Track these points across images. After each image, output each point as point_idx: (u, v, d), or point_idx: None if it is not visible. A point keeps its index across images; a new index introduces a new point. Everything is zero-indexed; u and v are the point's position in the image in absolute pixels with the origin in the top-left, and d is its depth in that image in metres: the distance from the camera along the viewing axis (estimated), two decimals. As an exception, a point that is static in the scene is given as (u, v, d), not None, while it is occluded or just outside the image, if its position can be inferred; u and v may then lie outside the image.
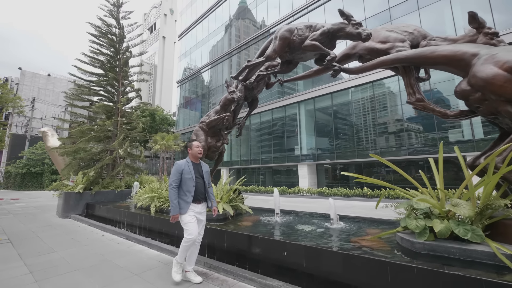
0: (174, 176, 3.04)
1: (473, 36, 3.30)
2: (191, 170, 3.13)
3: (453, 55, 2.99)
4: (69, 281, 3.02)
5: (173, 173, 3.06)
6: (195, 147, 3.29)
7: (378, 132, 15.69)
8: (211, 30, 31.26)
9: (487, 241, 2.26)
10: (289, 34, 4.20)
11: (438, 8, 13.75)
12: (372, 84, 16.28)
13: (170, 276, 3.07)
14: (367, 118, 16.40)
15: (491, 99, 2.65)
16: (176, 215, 2.96)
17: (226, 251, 3.52)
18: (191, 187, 3.05)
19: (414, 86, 3.50)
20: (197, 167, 3.28)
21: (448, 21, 13.29)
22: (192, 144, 3.31)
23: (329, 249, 2.65)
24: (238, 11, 27.61)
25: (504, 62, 2.51)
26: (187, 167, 3.13)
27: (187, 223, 2.96)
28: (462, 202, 2.48)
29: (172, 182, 3.00)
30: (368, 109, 16.37)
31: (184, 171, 3.08)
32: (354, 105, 17.17)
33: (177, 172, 3.05)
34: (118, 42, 9.76)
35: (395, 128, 14.86)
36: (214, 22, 30.90)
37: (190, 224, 2.96)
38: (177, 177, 3.04)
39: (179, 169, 3.08)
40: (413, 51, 3.39)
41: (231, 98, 5.38)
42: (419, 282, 2.09)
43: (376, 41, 3.94)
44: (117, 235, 5.33)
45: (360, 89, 16.90)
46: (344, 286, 2.45)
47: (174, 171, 3.07)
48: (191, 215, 3.01)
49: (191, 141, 3.37)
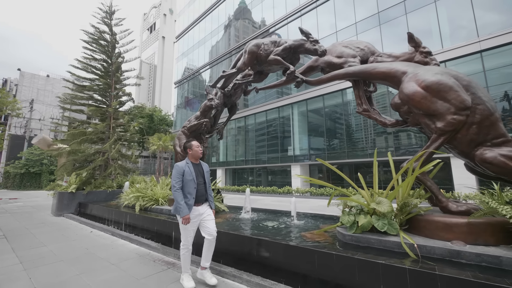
0: (176, 178, 2.97)
1: (412, 54, 3.73)
2: (192, 171, 3.05)
3: (388, 72, 3.42)
4: (53, 269, 3.46)
5: (174, 175, 2.99)
6: (195, 147, 3.18)
7: (370, 133, 16.10)
8: (207, 31, 31.60)
9: (400, 233, 2.69)
10: (256, 48, 4.64)
11: (429, 11, 13.92)
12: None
13: (142, 264, 3.51)
14: (359, 120, 16.83)
15: (414, 112, 3.08)
16: (187, 215, 2.88)
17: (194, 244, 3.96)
18: (193, 189, 2.98)
19: (362, 98, 3.93)
20: (198, 167, 3.19)
21: (442, 21, 13.48)
22: (192, 144, 3.20)
23: (272, 240, 3.09)
24: (237, 11, 27.58)
25: (422, 81, 2.94)
26: (187, 168, 3.04)
27: (185, 229, 2.95)
28: (384, 200, 2.91)
29: (175, 184, 2.94)
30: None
31: (185, 172, 3.00)
32: (344, 107, 17.58)
33: (179, 174, 2.98)
34: (111, 48, 10.19)
35: (387, 129, 15.24)
36: (211, 23, 31.21)
37: (188, 231, 2.94)
38: (179, 178, 2.97)
39: (180, 171, 3.00)
40: (359, 67, 3.82)
41: (209, 105, 5.81)
42: (336, 266, 2.53)
43: (334, 56, 4.37)
44: (104, 232, 5.77)
45: (350, 91, 17.30)
46: (285, 271, 2.89)
47: (175, 173, 3.00)
48: (191, 221, 2.95)
49: (190, 141, 3.24)
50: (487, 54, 12.03)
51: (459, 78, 2.82)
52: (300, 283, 2.73)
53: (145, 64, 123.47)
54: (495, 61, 11.84)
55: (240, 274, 3.11)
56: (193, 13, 34.60)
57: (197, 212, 3.02)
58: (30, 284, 2.99)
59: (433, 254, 2.40)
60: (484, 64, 12.01)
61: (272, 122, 22.54)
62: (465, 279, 1.90)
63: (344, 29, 17.30)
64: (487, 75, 11.91)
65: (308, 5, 19.95)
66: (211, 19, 31.32)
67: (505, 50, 11.55)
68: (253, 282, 2.93)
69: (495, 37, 11.60)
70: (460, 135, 2.74)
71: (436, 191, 2.85)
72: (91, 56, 9.90)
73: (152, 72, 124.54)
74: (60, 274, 3.31)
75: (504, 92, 11.59)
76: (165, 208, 5.45)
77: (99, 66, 10.05)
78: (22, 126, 27.90)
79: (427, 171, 3.05)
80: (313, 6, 19.58)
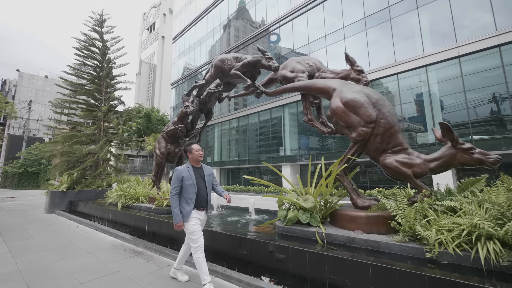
0: (174, 183, 2.91)
1: (349, 71, 4.30)
2: (192, 176, 2.98)
3: (323, 88, 3.99)
4: (37, 256, 4.04)
5: (173, 181, 2.93)
6: (195, 151, 3.11)
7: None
8: (203, 33, 31.95)
9: (319, 225, 3.27)
10: (221, 63, 5.21)
11: (438, 6, 13.48)
12: None
13: (113, 253, 4.09)
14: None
15: (339, 123, 3.65)
16: (180, 223, 2.85)
17: (160, 236, 4.54)
18: (192, 194, 2.92)
19: (308, 109, 4.50)
20: (199, 171, 3.11)
21: (448, 20, 13.11)
22: (192, 147, 3.12)
23: (222, 232, 3.67)
24: (234, 12, 27.42)
25: (343, 98, 3.51)
26: (187, 172, 2.97)
27: (193, 231, 2.86)
28: (310, 197, 3.48)
29: (172, 190, 2.89)
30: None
31: (185, 177, 2.93)
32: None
33: (177, 179, 2.92)
34: (101, 54, 10.75)
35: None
36: (206, 25, 31.53)
37: (196, 232, 2.87)
38: (178, 184, 2.91)
39: (179, 175, 2.93)
40: (303, 82, 4.39)
41: (185, 111, 6.37)
42: (261, 250, 3.10)
43: (288, 70, 4.94)
44: (88, 226, 6.35)
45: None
46: (227, 256, 3.46)
47: (174, 178, 2.94)
48: (195, 222, 2.91)
49: (190, 145, 3.16)
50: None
51: (370, 96, 3.39)
52: (237, 265, 3.30)
53: (145, 64, 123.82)
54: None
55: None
56: (189, 14, 34.97)
57: (200, 216, 3.00)
58: (16, 267, 3.57)
59: (337, 241, 2.98)
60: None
61: (265, 124, 23.09)
62: (341, 257, 2.48)
63: (344, 29, 17.19)
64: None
65: (308, 3, 19.60)
66: (206, 21, 31.66)
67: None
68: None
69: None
70: (369, 144, 3.31)
71: (349, 190, 3.43)
72: (82, 63, 10.47)
73: (151, 72, 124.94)
74: (42, 260, 3.89)
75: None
76: (144, 206, 6.03)
77: (90, 71, 10.62)
78: (20, 127, 28.49)
79: (349, 173, 3.64)
80: (314, 4, 19.22)
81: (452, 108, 13.25)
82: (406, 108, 14.54)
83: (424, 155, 3.08)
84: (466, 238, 2.24)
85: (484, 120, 12.13)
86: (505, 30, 11.35)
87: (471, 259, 2.15)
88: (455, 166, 2.91)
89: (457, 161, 2.85)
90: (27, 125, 28.53)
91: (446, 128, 2.83)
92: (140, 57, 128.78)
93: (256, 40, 24.18)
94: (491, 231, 2.12)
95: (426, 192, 2.84)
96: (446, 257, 2.28)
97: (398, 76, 14.79)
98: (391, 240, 2.64)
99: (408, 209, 2.67)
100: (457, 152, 2.84)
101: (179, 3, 38.49)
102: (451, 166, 2.93)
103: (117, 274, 3.30)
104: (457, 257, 2.22)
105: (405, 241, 2.57)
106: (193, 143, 3.26)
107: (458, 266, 2.20)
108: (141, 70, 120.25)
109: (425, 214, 2.66)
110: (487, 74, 12.12)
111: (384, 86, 15.82)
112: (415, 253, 2.45)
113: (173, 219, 2.89)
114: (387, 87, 15.74)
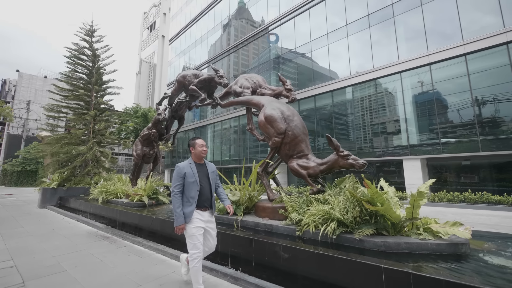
0: (176, 181, 2.70)
1: (282, 89, 5.18)
2: (195, 173, 2.78)
3: (256, 103, 4.87)
4: (23, 240, 4.95)
5: (174, 178, 2.72)
6: (198, 146, 2.92)
7: (350, 134, 17.17)
8: (203, 32, 31.77)
9: (242, 214, 4.16)
10: (183, 79, 6.11)
11: (442, 4, 13.59)
12: (331, 92, 18.07)
13: (86, 238, 5.00)
14: (329, 123, 18.23)
15: (264, 133, 4.54)
16: (182, 225, 2.61)
17: (127, 224, 5.45)
18: (195, 192, 2.71)
19: (250, 119, 5.39)
20: (202, 168, 2.92)
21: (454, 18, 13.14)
22: (195, 142, 2.94)
23: (167, 219, 4.58)
24: (234, 11, 27.38)
25: (265, 113, 4.39)
26: (189, 169, 2.77)
27: (192, 235, 2.63)
28: (237, 192, 4.37)
29: (174, 188, 2.67)
30: (335, 115, 18.15)
31: (187, 174, 2.73)
32: (317, 111, 18.91)
33: (179, 177, 2.71)
34: (91, 62, 11.65)
35: (364, 132, 16.19)
36: (206, 25, 31.80)
37: (195, 237, 2.63)
38: (180, 182, 2.69)
39: (181, 172, 2.73)
40: (245, 97, 5.27)
41: (157, 118, 7.27)
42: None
43: (238, 86, 5.82)
44: (71, 218, 7.28)
45: (322, 97, 18.63)
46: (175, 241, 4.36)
47: (176, 176, 2.73)
48: (197, 226, 2.67)
49: (194, 139, 2.98)
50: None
51: (283, 112, 4.27)
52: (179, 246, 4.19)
53: (145, 63, 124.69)
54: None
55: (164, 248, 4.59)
56: (188, 14, 34.96)
57: (202, 217, 2.76)
58: (4, 247, 4.47)
59: (247, 225, 3.88)
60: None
61: (244, 127, 23.90)
62: (236, 235, 3.38)
63: (343, 28, 17.36)
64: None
65: (308, 3, 19.71)
66: (207, 20, 31.78)
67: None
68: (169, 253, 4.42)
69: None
70: (281, 150, 4.20)
71: (266, 186, 4.33)
72: (73, 70, 11.37)
73: (151, 71, 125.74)
74: (26, 242, 4.80)
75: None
76: (121, 201, 6.92)
77: (81, 77, 11.52)
78: (19, 126, 29.46)
79: (270, 172, 4.54)
80: (315, 2, 19.21)
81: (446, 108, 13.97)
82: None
83: (318, 160, 3.96)
84: (321, 220, 3.13)
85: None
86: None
87: (319, 235, 3.04)
88: (338, 168, 3.79)
89: (338, 165, 3.73)
90: (26, 124, 29.49)
91: (329, 139, 3.71)
92: (140, 56, 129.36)
93: (256, 39, 24.21)
94: (338, 215, 3.01)
95: (314, 189, 3.73)
96: (308, 234, 3.17)
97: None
98: (280, 224, 3.53)
99: (295, 201, 3.56)
100: (338, 158, 3.72)
101: (176, 4, 38.97)
102: (335, 168, 3.81)
103: (82, 251, 4.21)
104: (314, 235, 3.11)
105: (289, 224, 3.46)
106: (197, 138, 3.03)
107: (313, 240, 3.09)
108: (141, 69, 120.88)
109: (307, 205, 3.55)
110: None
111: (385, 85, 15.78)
112: (292, 232, 3.34)
113: (175, 220, 2.61)
114: (386, 87, 15.70)
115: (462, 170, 13.83)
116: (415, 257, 2.45)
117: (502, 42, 11.81)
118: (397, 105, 14.82)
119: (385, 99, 15.70)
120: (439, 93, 13.51)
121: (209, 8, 31.36)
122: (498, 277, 2.02)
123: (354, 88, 16.87)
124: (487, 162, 12.78)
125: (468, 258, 2.45)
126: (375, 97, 15.93)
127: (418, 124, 14.30)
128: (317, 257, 2.64)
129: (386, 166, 16.00)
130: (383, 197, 2.82)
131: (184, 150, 32.76)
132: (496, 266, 2.28)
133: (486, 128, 12.05)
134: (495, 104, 11.94)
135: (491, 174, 12.68)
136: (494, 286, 1.84)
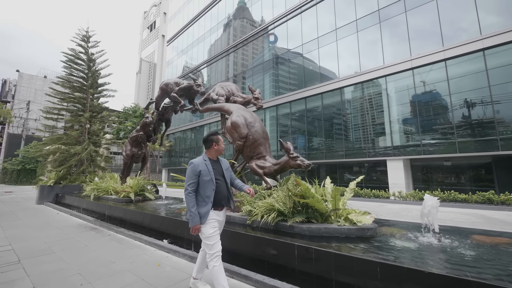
0: (190, 179, 2.54)
1: (250, 97, 5.81)
2: (210, 170, 2.61)
3: (227, 110, 5.51)
4: (20, 230, 5.60)
5: (188, 176, 2.56)
6: (222, 142, 2.78)
7: (347, 135, 17.70)
8: (202, 32, 31.97)
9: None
10: (165, 86, 6.75)
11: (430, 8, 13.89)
12: (321, 95, 18.66)
13: (75, 229, 5.65)
14: (321, 123, 18.84)
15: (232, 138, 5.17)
16: (197, 225, 2.45)
17: (113, 218, 6.10)
18: (211, 191, 2.55)
19: (223, 124, 6.02)
20: (217, 165, 2.76)
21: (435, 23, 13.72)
22: (219, 138, 2.76)
23: (151, 213, 5.23)
24: (234, 10, 27.55)
25: (231, 119, 5.03)
26: (205, 166, 2.60)
27: (209, 236, 2.48)
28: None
29: (188, 187, 2.52)
30: (334, 115, 18.71)
31: (202, 172, 2.56)
32: (307, 113, 19.49)
33: (194, 175, 2.54)
34: (87, 67, 12.29)
35: (357, 133, 16.76)
36: (201, 28, 32.47)
37: (213, 237, 2.49)
38: (194, 180, 2.53)
39: (196, 170, 2.56)
40: (219, 104, 5.91)
41: (144, 121, 7.92)
42: (165, 224, 4.64)
43: (214, 93, 6.46)
44: (65, 213, 7.93)
45: (313, 99, 19.21)
46: (154, 230, 5.01)
47: (190, 173, 2.56)
48: (213, 226, 2.53)
49: (217, 135, 2.78)
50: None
51: (246, 119, 4.90)
52: (155, 235, 4.83)
53: (145, 62, 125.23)
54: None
55: (151, 240, 5.24)
56: (187, 14, 35.24)
57: (218, 217, 2.63)
58: (4, 235, 5.12)
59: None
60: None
61: None
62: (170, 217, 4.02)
63: (343, 27, 17.53)
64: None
65: (307, 2, 19.90)
66: (201, 23, 32.45)
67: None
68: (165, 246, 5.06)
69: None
70: (244, 152, 4.84)
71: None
72: (70, 74, 12.02)
73: (151, 70, 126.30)
74: (23, 232, 5.45)
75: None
76: (111, 197, 7.56)
77: (77, 80, 12.16)
78: (19, 126, 30.13)
79: (237, 172, 5.17)
80: (313, 3, 19.46)
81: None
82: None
83: (273, 161, 4.59)
84: (266, 211, 3.77)
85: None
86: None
87: (260, 222, 3.66)
88: (288, 168, 4.42)
89: (289, 165, 4.36)
90: (26, 124, 30.16)
91: (281, 143, 4.34)
92: (141, 55, 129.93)
93: (256, 38, 24.43)
94: (277, 207, 3.65)
95: (268, 185, 4.37)
96: (256, 223, 3.80)
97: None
98: (237, 215, 4.17)
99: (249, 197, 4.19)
100: (289, 159, 4.35)
101: (176, 4, 39.34)
102: (287, 168, 4.44)
103: (71, 239, 4.86)
104: (260, 223, 3.75)
105: (244, 215, 4.09)
106: (218, 133, 2.84)
107: (259, 227, 3.72)
108: (141, 68, 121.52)
109: (260, 199, 4.19)
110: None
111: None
112: (244, 221, 3.98)
113: (190, 221, 2.46)
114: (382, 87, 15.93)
115: (444, 170, 14.52)
116: (329, 239, 3.09)
117: (479, 49, 12.44)
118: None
119: (384, 99, 15.76)
120: (421, 96, 14.15)
121: (209, 8, 31.53)
122: (386, 251, 2.65)
123: (348, 88, 17.30)
124: (465, 163, 13.45)
125: (371, 240, 3.09)
126: (376, 97, 16.25)
127: (401, 126, 14.95)
128: (253, 239, 3.29)
129: (372, 167, 16.67)
130: (312, 192, 3.45)
131: (182, 150, 33.43)
132: (389, 245, 2.91)
133: (464, 131, 12.69)
134: (470, 108, 12.59)
135: (470, 174, 13.36)
136: (378, 257, 2.43)
